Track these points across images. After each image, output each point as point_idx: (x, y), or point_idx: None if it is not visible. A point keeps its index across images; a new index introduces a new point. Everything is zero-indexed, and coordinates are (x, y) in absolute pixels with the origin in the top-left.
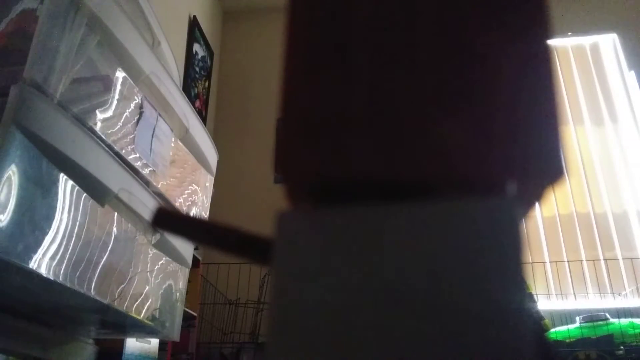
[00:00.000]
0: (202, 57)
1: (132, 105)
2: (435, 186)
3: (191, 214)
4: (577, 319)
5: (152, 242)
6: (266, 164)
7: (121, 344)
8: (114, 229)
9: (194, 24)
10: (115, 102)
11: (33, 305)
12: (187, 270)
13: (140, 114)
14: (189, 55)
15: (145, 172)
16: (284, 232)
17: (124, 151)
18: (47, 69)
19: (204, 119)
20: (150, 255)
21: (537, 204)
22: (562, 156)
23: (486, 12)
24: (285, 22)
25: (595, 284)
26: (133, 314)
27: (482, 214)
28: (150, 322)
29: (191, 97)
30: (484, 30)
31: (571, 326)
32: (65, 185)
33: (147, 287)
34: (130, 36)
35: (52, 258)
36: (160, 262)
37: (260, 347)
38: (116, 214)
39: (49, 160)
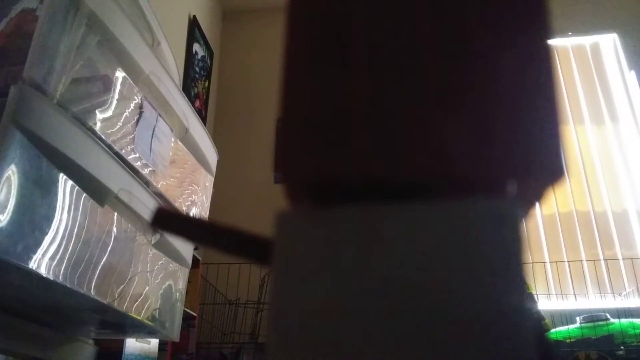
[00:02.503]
0: (202, 57)
1: (132, 105)
2: (436, 186)
3: (191, 214)
4: (578, 319)
5: (152, 242)
6: (266, 164)
7: (121, 344)
8: (114, 229)
9: (193, 23)
10: (115, 102)
11: (33, 305)
12: (187, 271)
13: (140, 113)
14: (189, 55)
15: (145, 172)
16: (284, 232)
17: (123, 151)
18: (46, 68)
19: (203, 119)
20: (150, 255)
21: (537, 204)
22: (562, 156)
23: (486, 12)
24: (285, 22)
25: (595, 283)
26: (133, 314)
27: (482, 214)
28: (150, 322)
29: (191, 97)
30: (484, 30)
31: (571, 326)
32: (65, 185)
33: (147, 287)
34: (130, 36)
35: (52, 258)
36: (160, 262)
37: (260, 347)
38: (116, 214)
39: (48, 160)
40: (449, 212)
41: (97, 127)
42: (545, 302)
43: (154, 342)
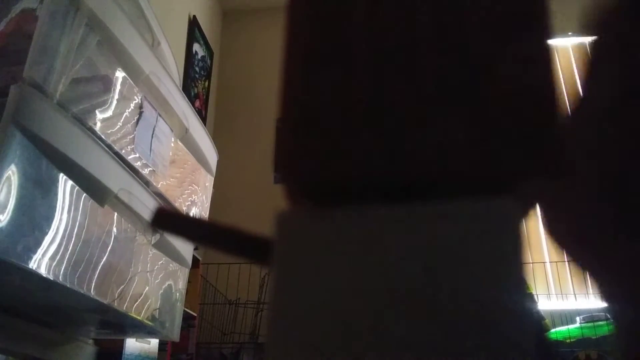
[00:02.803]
0: (202, 57)
1: (132, 105)
2: (436, 186)
3: (191, 214)
4: (578, 319)
5: (152, 242)
6: (266, 164)
7: (121, 344)
8: (114, 229)
9: (193, 23)
10: (115, 102)
11: (33, 305)
12: (187, 270)
13: (140, 113)
14: (189, 55)
15: (145, 172)
16: (283, 232)
17: (123, 151)
18: (46, 68)
19: (203, 119)
20: (150, 255)
21: (537, 204)
22: (563, 155)
23: (487, 11)
24: (285, 22)
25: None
26: (133, 314)
27: (482, 214)
28: (150, 322)
29: (191, 97)
30: (484, 29)
31: (571, 326)
32: (65, 185)
33: (147, 287)
34: (130, 36)
35: (52, 258)
36: (160, 262)
37: (260, 347)
38: (116, 214)
39: (48, 160)
40: (449, 212)
41: (97, 127)
42: (545, 302)
43: (154, 342)
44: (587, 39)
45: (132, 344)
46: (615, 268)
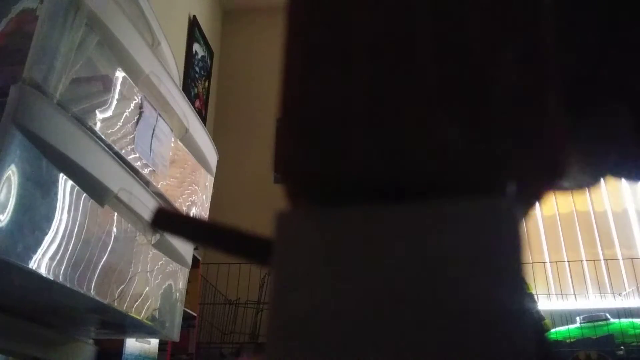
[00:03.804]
0: (202, 57)
1: (132, 105)
2: (435, 186)
3: (191, 214)
4: (578, 319)
5: (152, 242)
6: (266, 164)
7: (121, 344)
8: (114, 229)
9: (194, 23)
10: (115, 102)
11: (33, 305)
12: (187, 270)
13: (140, 113)
14: (189, 55)
15: (145, 172)
16: (283, 232)
17: (123, 151)
18: (46, 68)
19: (203, 119)
20: (150, 255)
21: (537, 204)
22: (562, 155)
23: (487, 11)
24: (285, 21)
25: (595, 283)
26: (133, 314)
27: (482, 214)
28: (150, 322)
29: (191, 97)
30: (485, 29)
31: (571, 326)
32: (65, 185)
33: (147, 287)
34: (130, 36)
35: (52, 258)
36: (160, 262)
37: (260, 347)
38: (116, 214)
39: (48, 160)
40: (449, 212)
41: (97, 127)
42: (545, 302)
43: (154, 342)
44: None
45: (132, 344)
46: None
